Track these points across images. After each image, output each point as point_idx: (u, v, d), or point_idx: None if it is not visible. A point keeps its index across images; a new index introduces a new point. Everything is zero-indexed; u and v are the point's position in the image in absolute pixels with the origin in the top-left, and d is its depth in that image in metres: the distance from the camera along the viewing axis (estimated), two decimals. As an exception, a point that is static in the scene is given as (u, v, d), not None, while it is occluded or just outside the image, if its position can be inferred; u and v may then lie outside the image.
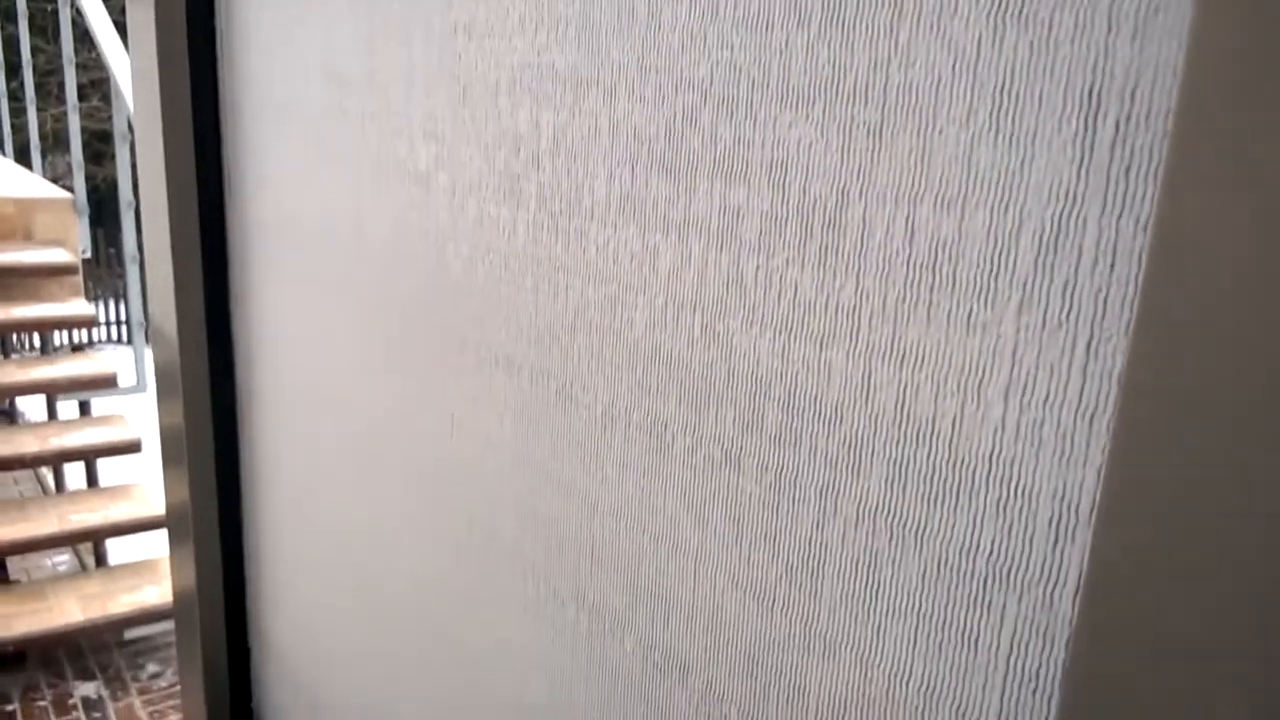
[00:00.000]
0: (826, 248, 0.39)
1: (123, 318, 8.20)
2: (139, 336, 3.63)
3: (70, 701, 3.09)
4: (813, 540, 0.42)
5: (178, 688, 3.19)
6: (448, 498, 0.67)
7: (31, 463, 3.31)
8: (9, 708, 3.05)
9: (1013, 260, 0.32)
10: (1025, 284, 0.32)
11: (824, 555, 0.41)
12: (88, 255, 4.20)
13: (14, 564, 3.72)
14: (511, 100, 0.55)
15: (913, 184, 0.35)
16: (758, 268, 0.42)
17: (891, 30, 0.35)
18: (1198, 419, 0.26)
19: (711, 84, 0.43)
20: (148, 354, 3.72)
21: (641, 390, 0.49)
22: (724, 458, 0.45)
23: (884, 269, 0.36)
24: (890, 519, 0.38)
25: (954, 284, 0.34)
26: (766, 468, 0.43)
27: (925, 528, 0.37)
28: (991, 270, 0.33)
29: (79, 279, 3.81)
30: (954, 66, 0.33)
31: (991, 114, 0.33)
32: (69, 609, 3.14)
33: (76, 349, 4.17)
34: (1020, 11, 0.31)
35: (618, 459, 0.52)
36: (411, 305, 0.68)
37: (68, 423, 3.59)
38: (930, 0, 0.34)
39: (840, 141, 0.38)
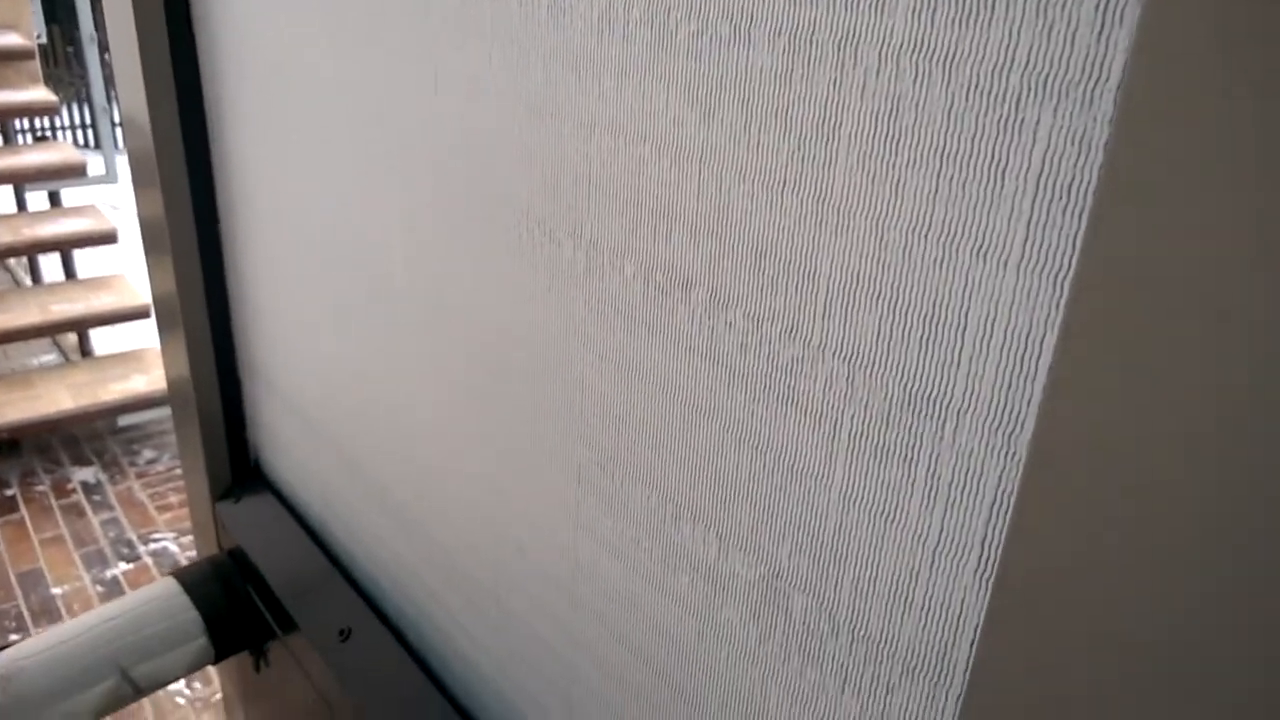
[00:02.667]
0: None
1: (86, 120, 7.91)
2: (104, 122, 3.50)
3: (69, 486, 3.16)
4: (828, 102, 0.39)
5: (176, 471, 3.26)
6: (436, 162, 0.65)
7: (4, 253, 3.26)
8: (9, 492, 3.12)
9: None
10: None
11: (840, 116, 0.39)
12: (43, 40, 4.00)
13: (-2, 359, 3.72)
14: None
15: None
16: None
17: None
18: None
19: None
20: (115, 142, 3.60)
21: (642, -21, 0.45)
22: (733, 33, 0.42)
23: None
24: (916, 55, 0.35)
25: None
26: (780, 31, 0.40)
27: (955, 54, 0.34)
28: None
29: (35, 65, 3.64)
30: None
31: None
32: (59, 397, 3.16)
33: (40, 140, 4.03)
34: None
35: (615, 66, 0.48)
36: (387, -48, 0.63)
37: (39, 214, 3.52)
38: None
39: None
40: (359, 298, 0.81)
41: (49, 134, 7.37)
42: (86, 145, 8.43)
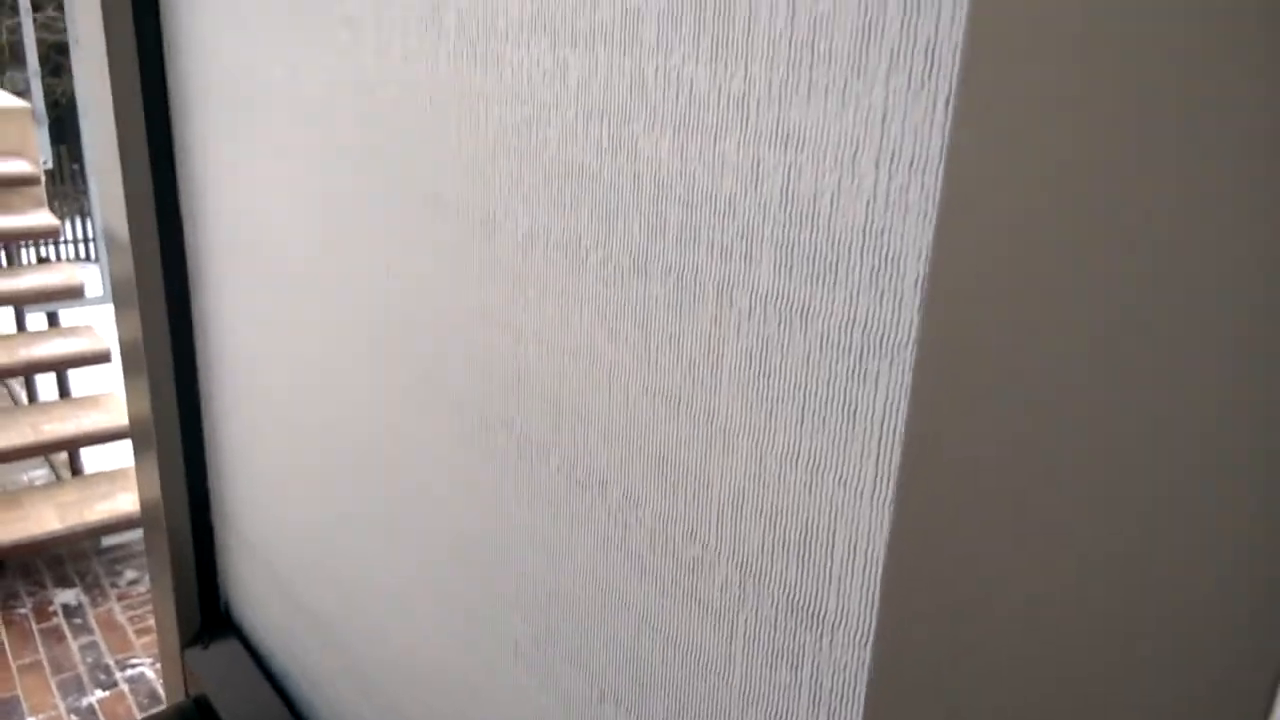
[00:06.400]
0: (718, 39, 0.39)
1: (89, 235, 8.08)
2: (104, 238, 3.59)
3: (50, 609, 3.14)
4: (711, 336, 0.43)
5: (157, 592, 3.24)
6: (392, 342, 0.69)
7: (2, 374, 3.30)
8: (-9, 615, 3.09)
9: (881, 27, 0.33)
10: (893, 50, 0.33)
11: (721, 348, 0.43)
12: (49, 166, 4.12)
13: (-10, 478, 3.73)
14: (429, -71, 0.55)
15: (795, -36, 0.36)
16: (657, 68, 0.42)
17: None
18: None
19: (612, -113, 0.43)
20: (114, 266, 3.68)
21: (557, 209, 0.50)
22: (632, 265, 0.46)
23: (769, 53, 0.37)
24: (779, 303, 0.40)
25: (830, 59, 0.35)
26: (669, 269, 0.44)
27: (809, 308, 0.39)
28: (863, 40, 0.34)
29: (41, 190, 3.75)
30: None
31: (864, -117, 0.33)
32: (46, 517, 3.16)
33: (42, 262, 4.11)
34: None
35: (538, 281, 0.53)
36: (345, 158, 0.68)
37: (36, 334, 3.58)
38: None
39: (730, -70, 0.38)
40: (331, 466, 0.84)
41: (53, 251, 7.53)
42: (88, 258, 8.59)
